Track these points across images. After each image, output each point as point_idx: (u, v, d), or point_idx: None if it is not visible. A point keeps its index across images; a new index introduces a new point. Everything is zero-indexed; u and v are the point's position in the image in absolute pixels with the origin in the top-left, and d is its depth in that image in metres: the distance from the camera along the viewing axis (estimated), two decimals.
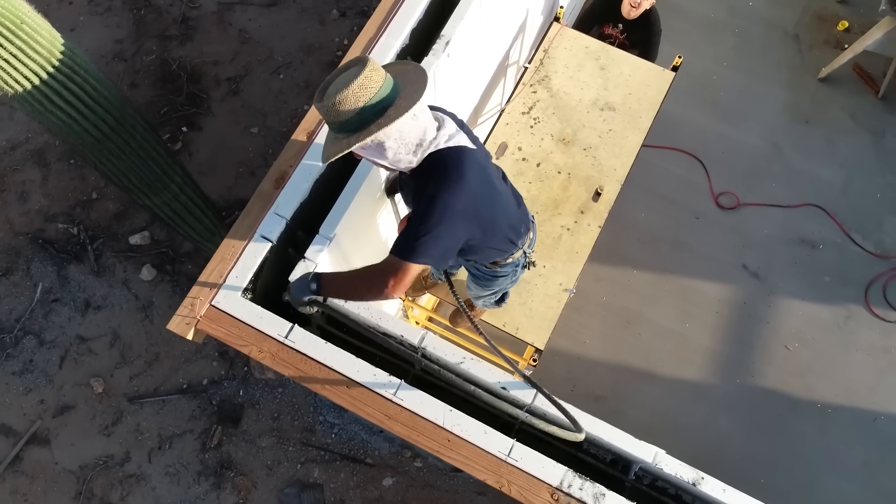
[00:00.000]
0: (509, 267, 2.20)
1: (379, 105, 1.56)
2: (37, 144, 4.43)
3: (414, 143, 1.66)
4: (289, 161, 2.00)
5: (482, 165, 1.77)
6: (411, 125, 1.62)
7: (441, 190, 1.66)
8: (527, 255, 2.22)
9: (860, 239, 4.12)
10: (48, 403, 3.92)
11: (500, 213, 1.90)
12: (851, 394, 3.82)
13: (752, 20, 4.70)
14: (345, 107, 1.55)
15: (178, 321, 1.84)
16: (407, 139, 1.64)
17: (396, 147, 1.63)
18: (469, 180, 1.69)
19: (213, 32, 4.73)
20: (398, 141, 1.62)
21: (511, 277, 2.30)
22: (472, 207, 1.71)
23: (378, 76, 1.57)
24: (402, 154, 1.66)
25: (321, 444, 3.83)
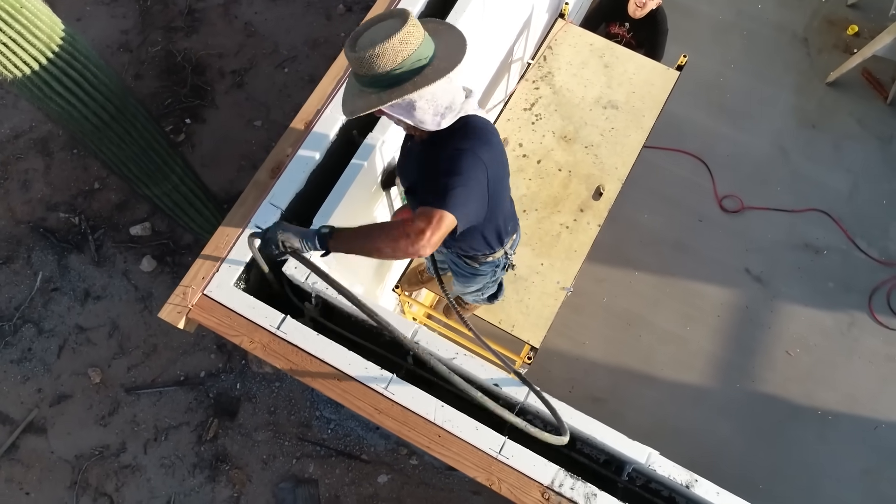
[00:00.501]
0: (488, 266, 2.18)
1: (417, 63, 1.51)
2: (40, 133, 4.43)
3: (444, 106, 1.61)
4: (285, 151, 1.99)
5: (497, 141, 1.74)
6: (446, 88, 1.58)
7: (472, 147, 1.62)
8: (508, 257, 2.20)
9: (865, 245, 4.08)
10: (45, 392, 3.92)
11: (503, 202, 1.89)
12: (853, 401, 3.77)
13: (760, 22, 4.66)
14: (381, 61, 1.48)
15: (170, 310, 1.82)
16: (439, 101, 1.59)
17: (426, 108, 1.58)
18: (494, 151, 1.67)
19: (219, 25, 4.73)
20: (430, 102, 1.58)
21: (490, 277, 2.26)
22: (492, 178, 1.67)
23: (418, 33, 1.51)
24: (430, 115, 1.60)
25: (317, 440, 3.82)
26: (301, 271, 1.90)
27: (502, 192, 1.85)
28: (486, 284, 2.33)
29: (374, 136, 2.09)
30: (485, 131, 1.68)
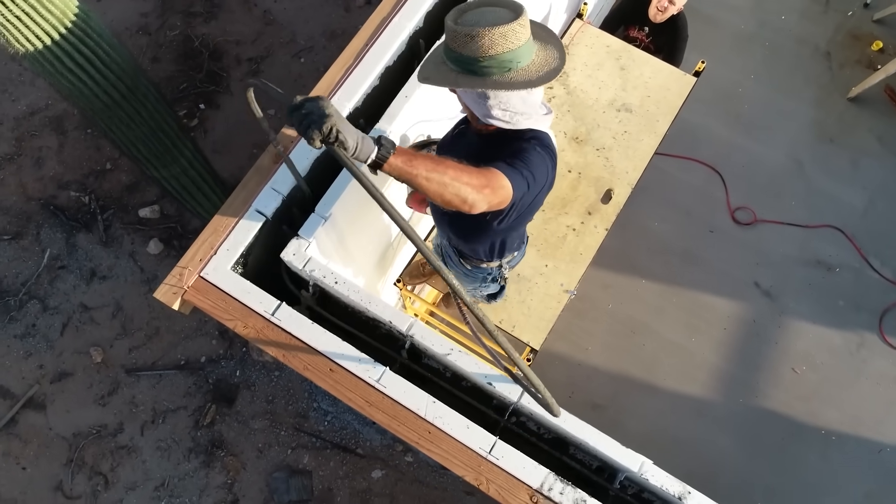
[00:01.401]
0: (478, 272, 2.15)
1: (507, 63, 1.47)
2: (56, 112, 4.46)
3: (516, 112, 1.58)
4: (290, 137, 1.97)
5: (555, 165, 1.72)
6: (524, 98, 1.56)
7: (543, 156, 1.61)
8: (501, 269, 2.16)
9: (878, 265, 4.01)
10: (47, 369, 3.93)
11: (525, 221, 1.88)
12: (858, 423, 3.71)
13: (783, 34, 4.60)
14: (475, 45, 1.43)
15: (166, 290, 1.81)
16: (512, 106, 1.57)
17: (497, 106, 1.56)
18: (552, 162, 1.66)
19: (238, 12, 4.73)
20: (503, 104, 1.56)
21: (478, 283, 2.23)
22: (541, 192, 1.67)
23: (524, 34, 1.46)
24: (498, 113, 1.57)
25: (313, 431, 3.80)
26: (299, 258, 1.88)
27: (530, 214, 1.83)
28: (477, 287, 2.30)
29: (381, 126, 2.07)
30: (552, 152, 1.67)
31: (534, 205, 1.76)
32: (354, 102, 2.09)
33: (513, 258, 2.16)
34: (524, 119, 1.61)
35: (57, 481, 3.71)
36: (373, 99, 2.15)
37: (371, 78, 2.12)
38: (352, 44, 2.14)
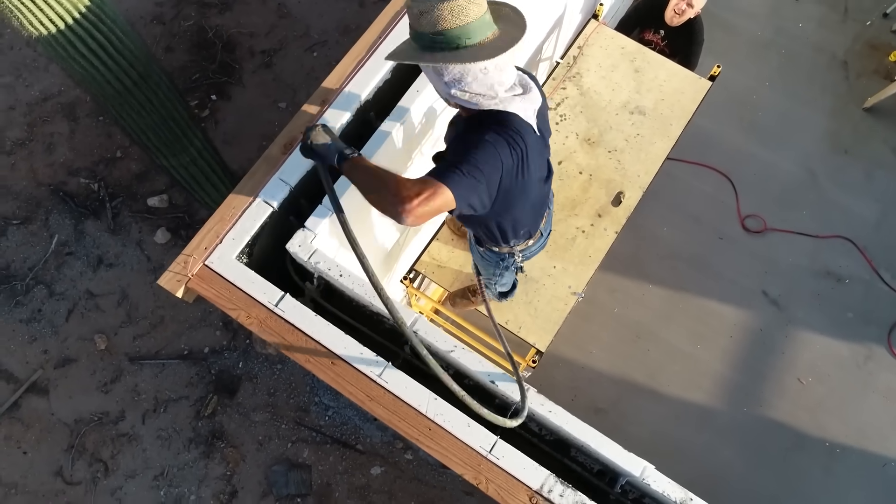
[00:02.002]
0: (493, 255, 2.14)
1: (456, 37, 1.45)
2: (68, 98, 4.47)
3: (475, 92, 1.56)
4: (300, 127, 1.96)
5: (533, 151, 1.66)
6: (478, 76, 1.53)
7: (496, 143, 1.56)
8: (514, 258, 2.14)
9: (889, 278, 3.96)
10: (51, 354, 3.94)
11: (514, 208, 1.82)
12: (862, 436, 3.67)
13: (800, 42, 4.55)
14: (427, 19, 1.44)
15: (170, 277, 1.80)
16: (467, 86, 1.55)
17: (453, 84, 1.55)
18: (518, 157, 1.60)
19: (253, 4, 4.73)
20: (458, 81, 1.54)
21: (494, 268, 2.21)
22: (505, 181, 1.61)
23: (475, 10, 1.44)
24: (457, 92, 1.57)
25: (314, 425, 3.80)
26: (304, 250, 1.87)
27: (518, 199, 1.76)
28: (493, 273, 2.28)
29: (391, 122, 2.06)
30: (518, 134, 1.60)
31: (509, 192, 1.66)
32: (366, 95, 2.08)
33: (527, 248, 2.12)
34: (487, 100, 1.58)
35: (57, 466, 3.72)
36: (384, 92, 2.14)
37: (383, 72, 2.11)
38: (364, 36, 2.13)
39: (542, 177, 1.85)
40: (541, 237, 2.17)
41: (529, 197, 1.82)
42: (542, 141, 1.77)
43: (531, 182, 1.74)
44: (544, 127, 1.79)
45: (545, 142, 1.82)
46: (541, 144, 1.75)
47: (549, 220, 2.19)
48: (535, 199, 1.88)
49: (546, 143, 1.84)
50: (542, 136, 1.76)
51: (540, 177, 1.83)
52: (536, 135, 1.69)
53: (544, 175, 1.89)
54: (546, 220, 2.14)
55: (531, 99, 1.67)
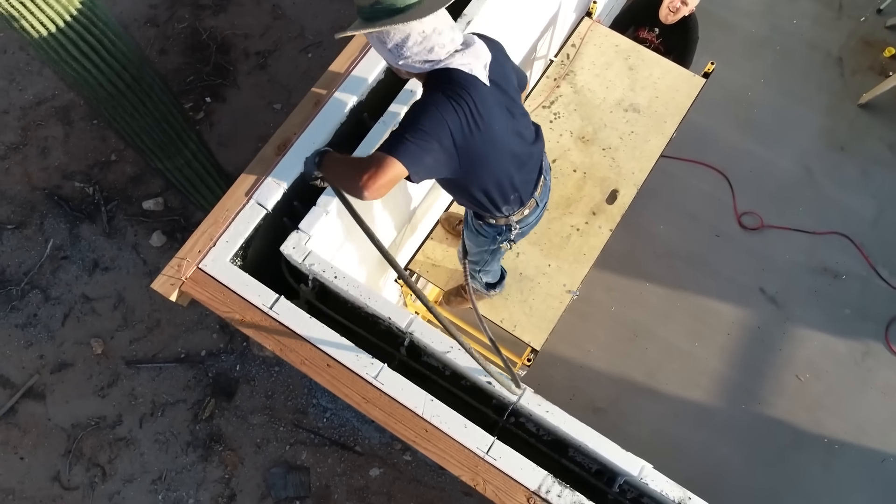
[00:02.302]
0: (491, 229, 2.12)
1: (392, 3, 1.53)
2: (62, 102, 4.45)
3: (417, 56, 1.63)
4: (293, 128, 1.95)
5: (485, 102, 1.68)
6: (417, 39, 1.60)
7: (437, 102, 1.61)
8: (510, 229, 2.11)
9: (886, 274, 3.96)
10: (47, 359, 3.93)
11: (488, 165, 1.81)
12: (861, 433, 3.66)
13: (795, 39, 4.55)
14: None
15: (164, 281, 1.79)
16: (411, 51, 1.62)
17: (398, 51, 1.62)
18: (463, 108, 1.63)
19: (247, 5, 4.72)
20: (401, 47, 1.61)
21: (490, 244, 2.19)
22: (459, 136, 1.64)
23: None
24: (403, 61, 1.65)
25: (312, 428, 3.79)
26: (299, 252, 1.86)
27: (487, 155, 1.76)
28: (485, 251, 2.25)
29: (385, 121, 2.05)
30: (461, 88, 1.64)
31: (470, 148, 1.69)
32: (358, 96, 2.07)
33: (522, 218, 2.09)
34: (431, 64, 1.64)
35: (55, 472, 3.70)
36: (377, 93, 2.13)
37: (376, 71, 2.10)
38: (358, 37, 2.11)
39: (510, 129, 1.82)
40: (536, 207, 2.12)
41: (500, 152, 1.81)
42: (497, 92, 1.75)
43: (494, 135, 1.74)
44: (502, 79, 1.78)
45: (506, 94, 1.79)
46: (496, 95, 1.75)
47: (546, 192, 2.16)
48: (509, 154, 1.85)
49: (509, 95, 1.81)
50: (497, 88, 1.75)
51: (507, 129, 1.80)
52: (486, 86, 1.70)
53: (515, 128, 1.85)
54: (542, 189, 2.10)
55: (475, 53, 1.69)
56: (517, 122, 1.87)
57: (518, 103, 1.89)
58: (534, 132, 2.00)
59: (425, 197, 2.79)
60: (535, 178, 2.05)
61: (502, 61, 1.81)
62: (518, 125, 1.87)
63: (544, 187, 2.12)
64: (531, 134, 1.97)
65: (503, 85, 1.78)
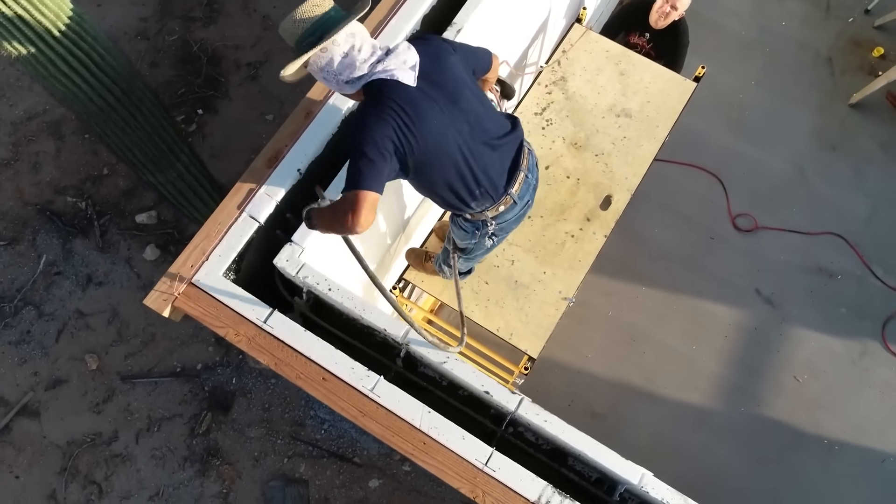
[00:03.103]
0: (469, 224, 2.10)
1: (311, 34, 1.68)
2: (53, 116, 4.44)
3: (346, 76, 1.73)
4: (284, 140, 1.94)
5: (412, 102, 1.72)
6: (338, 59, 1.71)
7: (365, 120, 1.71)
8: (486, 225, 2.08)
9: (881, 273, 3.97)
10: (42, 376, 3.90)
11: (437, 158, 1.81)
12: (860, 432, 3.66)
13: (784, 41, 4.57)
14: (284, 35, 1.71)
15: (156, 297, 1.78)
16: (337, 71, 1.72)
17: (329, 75, 1.74)
18: (389, 115, 1.69)
19: (237, 17, 4.72)
20: (327, 70, 1.73)
21: (471, 238, 2.17)
22: (391, 141, 1.70)
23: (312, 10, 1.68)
24: (334, 84, 1.77)
25: (310, 440, 3.76)
26: (292, 264, 1.85)
27: (435, 153, 1.79)
28: (470, 242, 2.22)
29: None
30: (385, 95, 1.71)
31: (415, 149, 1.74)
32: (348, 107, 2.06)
33: (497, 214, 2.04)
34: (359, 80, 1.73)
35: (50, 490, 3.67)
36: None
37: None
38: None
39: (456, 121, 1.81)
40: (514, 205, 2.05)
41: (447, 145, 1.81)
42: (431, 89, 1.76)
43: (433, 130, 1.76)
44: (438, 74, 1.79)
45: (442, 88, 1.79)
46: (429, 92, 1.76)
47: (527, 190, 2.08)
48: (459, 146, 1.82)
49: (450, 88, 1.81)
50: (431, 84, 1.77)
51: (450, 121, 1.79)
52: (412, 87, 1.73)
53: (464, 119, 1.83)
54: (521, 186, 2.03)
55: (396, 57, 1.74)
56: (467, 113, 1.84)
57: (468, 93, 1.85)
58: (503, 122, 1.97)
59: (419, 206, 2.78)
60: (505, 171, 1.98)
61: (439, 56, 1.82)
62: (468, 116, 1.85)
63: (525, 184, 2.05)
64: (496, 123, 1.93)
65: (440, 80, 1.79)
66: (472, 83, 1.89)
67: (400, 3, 2.10)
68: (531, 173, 2.08)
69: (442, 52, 1.83)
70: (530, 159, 2.07)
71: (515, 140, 1.99)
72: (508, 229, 2.20)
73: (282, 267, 1.86)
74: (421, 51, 1.78)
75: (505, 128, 1.97)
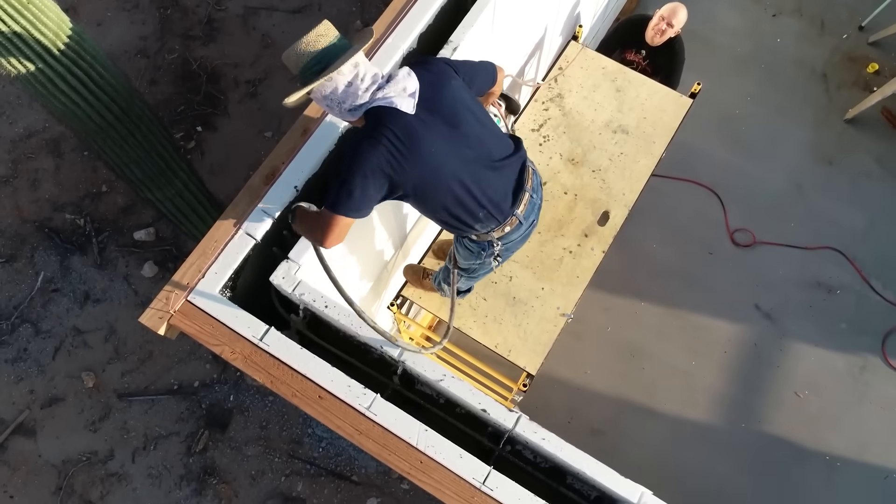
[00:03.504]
0: (475, 245, 2.10)
1: (316, 64, 1.70)
2: (53, 134, 4.45)
3: (349, 104, 1.76)
4: (281, 157, 1.94)
5: (408, 129, 1.73)
6: (343, 88, 1.73)
7: (352, 148, 1.75)
8: (492, 245, 2.08)
9: (880, 287, 3.96)
10: (38, 394, 3.87)
11: (436, 183, 1.82)
12: (862, 448, 3.63)
13: (779, 57, 4.61)
14: (288, 64, 1.74)
15: (151, 314, 1.77)
16: (344, 100, 1.75)
17: (332, 103, 1.77)
18: (382, 143, 1.71)
19: (237, 35, 4.75)
20: (331, 99, 1.76)
21: (475, 258, 2.16)
22: (382, 169, 1.72)
23: (316, 41, 1.70)
24: (337, 112, 1.80)
25: (308, 458, 3.73)
26: (288, 282, 1.85)
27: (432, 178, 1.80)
28: (474, 263, 2.21)
29: None
30: (380, 123, 1.73)
31: (410, 175, 1.75)
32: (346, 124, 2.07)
33: (503, 235, 2.04)
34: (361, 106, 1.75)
35: None
36: None
37: None
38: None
39: (457, 145, 1.82)
40: (520, 225, 2.05)
41: (446, 170, 1.81)
42: (430, 115, 1.78)
43: (430, 157, 1.77)
44: (439, 99, 1.80)
45: (440, 113, 1.80)
46: (428, 118, 1.77)
47: (532, 210, 2.08)
48: (457, 171, 1.83)
49: (450, 113, 1.81)
50: (431, 110, 1.78)
51: (450, 146, 1.81)
52: (410, 114, 1.75)
53: (466, 143, 1.84)
54: (527, 207, 2.03)
55: (396, 84, 1.76)
56: (468, 137, 1.85)
57: (469, 117, 1.85)
58: (506, 143, 1.97)
59: (416, 223, 2.79)
60: (510, 192, 1.97)
61: (439, 82, 1.82)
62: (469, 140, 1.85)
63: (530, 205, 2.05)
64: (498, 145, 1.93)
65: (440, 106, 1.80)
66: (474, 105, 1.90)
67: (396, 22, 2.12)
68: (536, 193, 2.08)
69: (443, 76, 1.84)
70: (534, 179, 2.06)
71: (518, 161, 1.99)
72: (514, 249, 2.20)
73: (278, 284, 1.85)
74: (421, 77, 1.79)
75: (507, 149, 1.97)
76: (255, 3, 4.86)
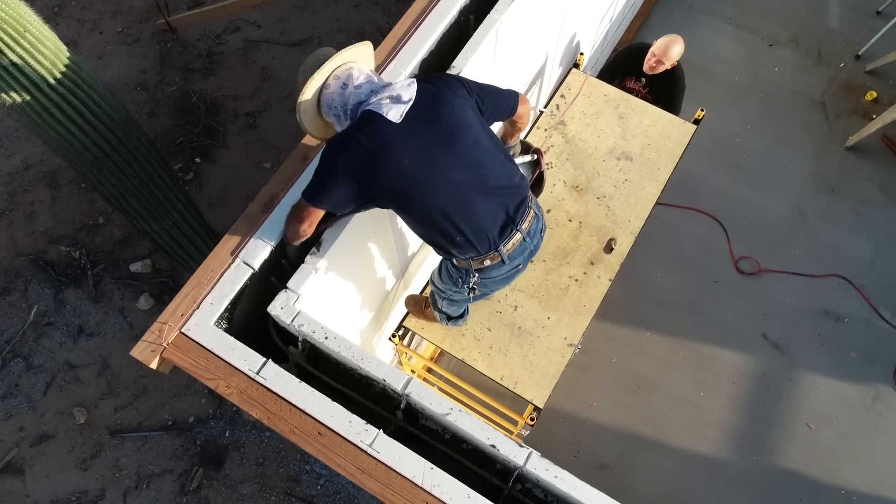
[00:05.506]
0: (455, 270, 2.02)
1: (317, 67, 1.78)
2: (50, 166, 4.42)
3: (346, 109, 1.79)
4: (280, 185, 1.90)
5: (382, 137, 1.70)
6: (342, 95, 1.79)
7: (332, 142, 1.75)
8: (469, 275, 1.97)
9: (889, 315, 3.90)
10: (27, 431, 3.76)
11: (412, 197, 1.75)
12: (878, 482, 3.52)
13: (777, 86, 4.62)
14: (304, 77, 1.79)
15: (143, 347, 1.70)
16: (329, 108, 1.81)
17: (332, 109, 1.81)
18: (351, 146, 1.71)
19: (237, 68, 4.77)
20: (332, 106, 1.81)
21: (452, 285, 2.07)
22: (347, 169, 1.72)
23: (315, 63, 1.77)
24: (343, 119, 1.81)
25: (305, 496, 3.61)
26: (287, 312, 1.78)
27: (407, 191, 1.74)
28: (448, 288, 2.12)
29: None
30: (359, 125, 1.74)
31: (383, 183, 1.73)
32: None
33: (482, 268, 1.92)
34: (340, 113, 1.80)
35: None
36: None
37: None
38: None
39: (435, 166, 1.73)
40: (501, 264, 1.90)
41: (422, 190, 1.73)
42: (416, 127, 1.72)
43: (404, 171, 1.71)
44: (435, 116, 1.74)
45: (431, 127, 1.73)
46: (412, 130, 1.71)
47: (521, 253, 1.93)
48: (437, 192, 1.75)
49: (438, 130, 1.74)
50: (421, 123, 1.72)
51: (430, 165, 1.72)
52: (394, 123, 1.71)
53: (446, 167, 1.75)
54: (516, 247, 1.89)
55: (390, 92, 1.75)
56: (461, 156, 1.76)
57: (467, 136, 1.77)
58: (509, 173, 1.86)
59: (417, 252, 2.73)
60: (498, 224, 1.84)
61: (441, 96, 1.76)
62: (462, 159, 1.76)
63: (520, 246, 1.90)
64: (497, 171, 1.82)
65: (434, 120, 1.73)
66: (479, 125, 1.81)
67: (399, 47, 2.09)
68: (530, 237, 1.93)
69: (448, 90, 1.78)
70: (535, 224, 1.93)
71: (516, 195, 1.86)
72: (493, 287, 2.06)
73: (276, 315, 1.79)
74: (424, 89, 1.75)
75: (509, 179, 1.85)
76: (254, 36, 4.89)
